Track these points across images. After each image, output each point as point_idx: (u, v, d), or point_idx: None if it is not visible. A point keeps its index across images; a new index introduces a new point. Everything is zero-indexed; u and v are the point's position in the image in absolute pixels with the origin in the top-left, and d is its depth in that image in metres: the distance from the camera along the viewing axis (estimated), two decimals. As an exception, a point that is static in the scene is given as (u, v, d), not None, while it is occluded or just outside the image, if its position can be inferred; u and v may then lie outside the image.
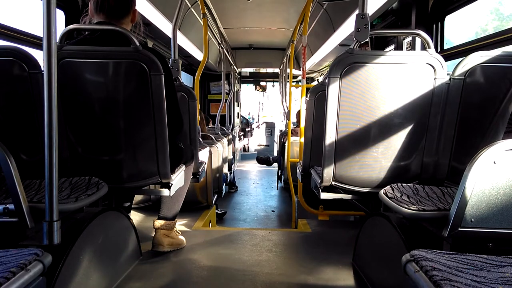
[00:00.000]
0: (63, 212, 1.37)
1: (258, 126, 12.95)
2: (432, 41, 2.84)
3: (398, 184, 1.80)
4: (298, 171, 3.00)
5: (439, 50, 3.08)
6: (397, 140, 1.90)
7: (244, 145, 12.03)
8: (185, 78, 7.55)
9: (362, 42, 1.86)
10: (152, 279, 1.96)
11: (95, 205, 1.84)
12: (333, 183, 1.99)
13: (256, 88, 10.97)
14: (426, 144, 1.90)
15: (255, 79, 10.62)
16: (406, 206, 1.47)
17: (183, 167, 2.27)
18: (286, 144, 4.64)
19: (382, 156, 1.92)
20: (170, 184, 2.04)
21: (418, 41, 3.26)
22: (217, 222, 4.21)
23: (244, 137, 11.98)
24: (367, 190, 1.97)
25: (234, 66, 8.15)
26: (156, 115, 1.84)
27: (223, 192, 4.62)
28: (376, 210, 2.25)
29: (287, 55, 6.35)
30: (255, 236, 2.71)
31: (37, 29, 2.37)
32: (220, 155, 4.20)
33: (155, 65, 1.77)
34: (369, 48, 4.03)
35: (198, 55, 6.32)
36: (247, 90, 11.97)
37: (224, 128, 6.87)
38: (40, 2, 1.25)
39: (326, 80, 1.87)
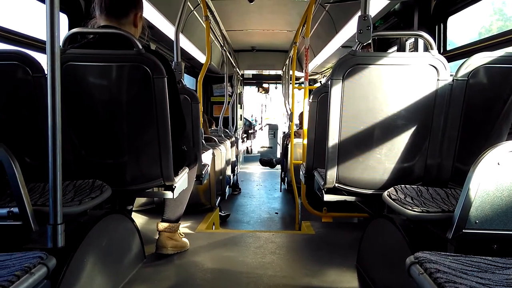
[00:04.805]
0: (67, 215, 1.37)
1: (261, 128, 12.94)
2: (435, 42, 2.83)
3: (402, 185, 1.80)
4: (301, 173, 2.99)
5: (442, 51, 3.07)
6: (401, 141, 1.89)
7: (247, 147, 12.02)
8: (187, 81, 7.57)
9: (364, 44, 1.86)
10: (156, 281, 1.96)
11: (98, 208, 1.84)
12: (336, 185, 1.99)
13: (258, 90, 10.97)
14: (430, 146, 1.90)
15: (258, 81, 10.61)
16: (410, 208, 1.46)
17: (187, 170, 2.27)
18: (289, 146, 4.63)
19: (386, 158, 1.92)
20: (174, 187, 2.04)
21: (420, 42, 3.25)
22: (221, 224, 4.21)
23: (247, 139, 11.98)
24: (370, 192, 1.97)
25: (237, 68, 8.16)
26: (159, 118, 1.84)
27: (227, 194, 4.62)
28: (380, 212, 2.24)
29: (290, 57, 6.35)
30: (258, 238, 2.71)
31: (41, 33, 2.39)
32: (223, 157, 4.20)
33: (158, 68, 1.78)
34: (372, 50, 4.03)
35: (201, 57, 6.34)
36: (249, 92, 11.97)
37: (227, 130, 6.87)
38: (44, 6, 1.26)
39: (329, 82, 1.87)
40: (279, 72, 9.08)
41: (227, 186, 4.68)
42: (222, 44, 5.81)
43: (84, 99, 1.83)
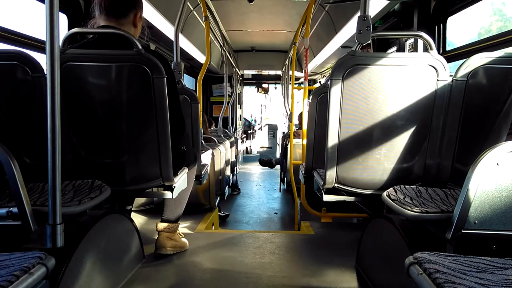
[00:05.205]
0: (66, 215, 1.37)
1: (260, 128, 12.95)
2: (434, 42, 2.83)
3: (401, 186, 1.80)
4: (300, 173, 2.99)
5: (441, 51, 3.07)
6: (400, 142, 1.89)
7: (247, 147, 12.03)
8: (187, 81, 7.56)
9: (364, 44, 1.86)
10: (155, 282, 1.96)
11: (98, 208, 1.84)
12: (335, 185, 1.99)
13: (258, 90, 10.97)
14: (429, 146, 1.90)
15: (257, 81, 10.61)
16: (409, 208, 1.46)
17: (186, 170, 2.27)
18: (289, 146, 4.64)
19: (385, 158, 1.92)
20: (173, 187, 2.04)
21: (420, 42, 3.25)
22: (220, 225, 4.21)
23: (247, 139, 11.99)
24: (370, 192, 1.97)
25: (236, 69, 8.16)
26: (158, 118, 1.84)
27: (226, 195, 4.62)
28: (379, 212, 2.25)
29: (289, 57, 6.35)
30: (258, 238, 2.71)
31: (40, 32, 2.38)
32: (222, 157, 4.20)
33: (157, 68, 1.78)
34: (371, 50, 4.03)
35: (201, 57, 6.34)
36: (249, 92, 11.98)
37: (226, 130, 6.87)
38: (43, 5, 1.26)
39: (328, 82, 1.87)
40: (279, 72, 9.09)
41: (227, 186, 4.68)
42: (222, 44, 5.80)
43: (83, 99, 1.83)
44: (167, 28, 4.26)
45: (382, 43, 4.16)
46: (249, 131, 12.10)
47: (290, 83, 5.50)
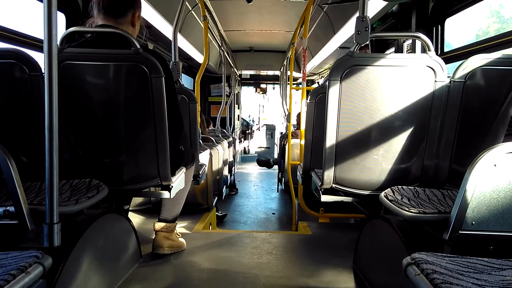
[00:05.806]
0: (63, 214, 1.37)
1: (258, 129, 12.94)
2: (432, 43, 2.84)
3: (399, 186, 1.80)
4: (298, 173, 2.99)
5: (439, 52, 3.08)
6: (398, 142, 1.90)
7: (245, 147, 12.02)
8: (185, 81, 7.55)
9: (362, 45, 1.86)
10: (153, 281, 1.95)
11: (95, 208, 1.84)
12: (333, 185, 1.99)
13: (256, 91, 10.97)
14: (427, 147, 1.90)
15: (256, 81, 10.62)
16: (407, 209, 1.47)
17: (184, 170, 2.27)
18: (287, 147, 4.64)
19: (383, 159, 1.92)
20: (171, 187, 2.04)
21: (418, 43, 3.26)
22: (218, 225, 4.20)
23: (245, 139, 11.98)
24: (367, 193, 1.97)
25: (235, 69, 8.16)
26: (156, 118, 1.84)
27: (224, 195, 4.62)
28: (377, 212, 2.25)
29: (288, 57, 6.36)
30: (255, 238, 2.71)
31: (38, 31, 2.38)
32: (220, 157, 4.20)
33: (155, 68, 1.77)
34: (370, 51, 4.04)
35: (199, 57, 6.33)
36: (247, 93, 11.97)
37: (224, 130, 6.87)
38: (41, 4, 1.25)
39: (327, 83, 1.87)
40: (277, 72, 9.09)
41: (224, 186, 4.67)
42: (220, 44, 5.80)
43: (81, 98, 1.82)
44: (165, 28, 4.26)
45: (380, 44, 4.16)
46: (247, 131, 12.09)
47: (288, 84, 5.50)
